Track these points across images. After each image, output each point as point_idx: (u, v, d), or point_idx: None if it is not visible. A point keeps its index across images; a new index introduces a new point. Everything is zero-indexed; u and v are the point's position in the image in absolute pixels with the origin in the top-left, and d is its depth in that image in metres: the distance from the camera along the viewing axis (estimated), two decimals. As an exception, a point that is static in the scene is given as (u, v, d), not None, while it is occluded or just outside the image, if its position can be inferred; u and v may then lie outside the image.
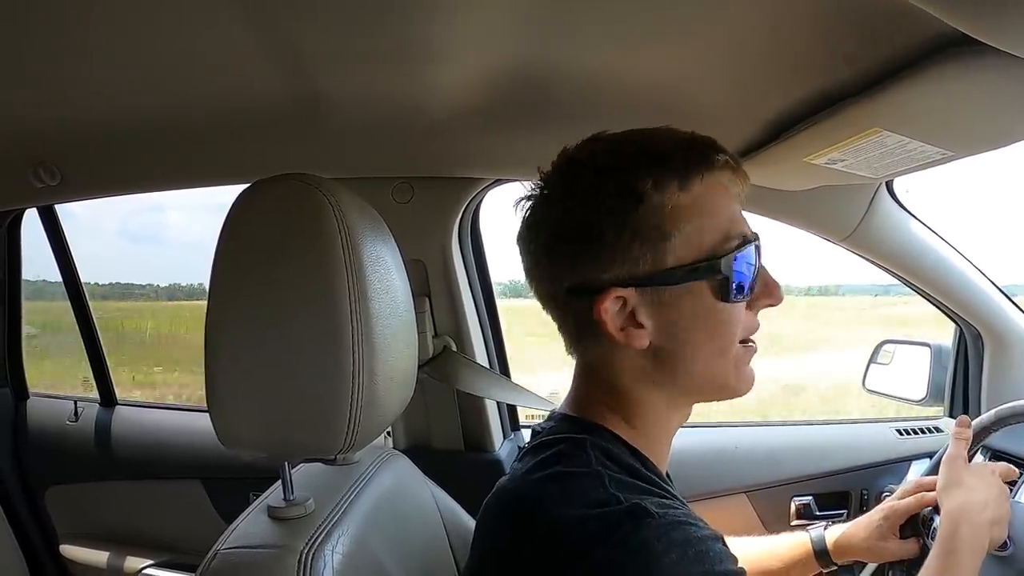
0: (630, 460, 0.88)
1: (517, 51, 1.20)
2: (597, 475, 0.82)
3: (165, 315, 7.90)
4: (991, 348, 1.99)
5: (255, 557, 0.91)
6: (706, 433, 2.09)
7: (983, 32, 0.72)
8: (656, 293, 0.87)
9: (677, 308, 0.88)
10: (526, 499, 0.85)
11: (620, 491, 0.79)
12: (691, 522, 0.78)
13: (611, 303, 0.86)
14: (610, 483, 0.80)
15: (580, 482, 0.82)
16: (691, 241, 0.86)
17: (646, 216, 0.85)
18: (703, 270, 0.86)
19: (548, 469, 0.85)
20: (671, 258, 0.86)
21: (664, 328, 0.88)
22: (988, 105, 0.99)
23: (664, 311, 0.87)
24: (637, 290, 0.86)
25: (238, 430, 0.93)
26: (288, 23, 1.12)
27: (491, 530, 0.90)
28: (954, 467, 1.27)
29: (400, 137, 1.65)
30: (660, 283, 0.86)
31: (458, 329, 2.00)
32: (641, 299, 0.87)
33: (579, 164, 0.91)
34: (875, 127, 1.08)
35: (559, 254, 0.91)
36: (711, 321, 0.89)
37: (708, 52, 1.16)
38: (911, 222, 1.82)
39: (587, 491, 0.80)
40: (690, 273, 0.86)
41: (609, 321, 0.87)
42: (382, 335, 0.93)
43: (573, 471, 0.84)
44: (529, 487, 0.86)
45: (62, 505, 2.49)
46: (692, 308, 0.88)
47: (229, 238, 0.92)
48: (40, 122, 1.62)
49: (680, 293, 0.87)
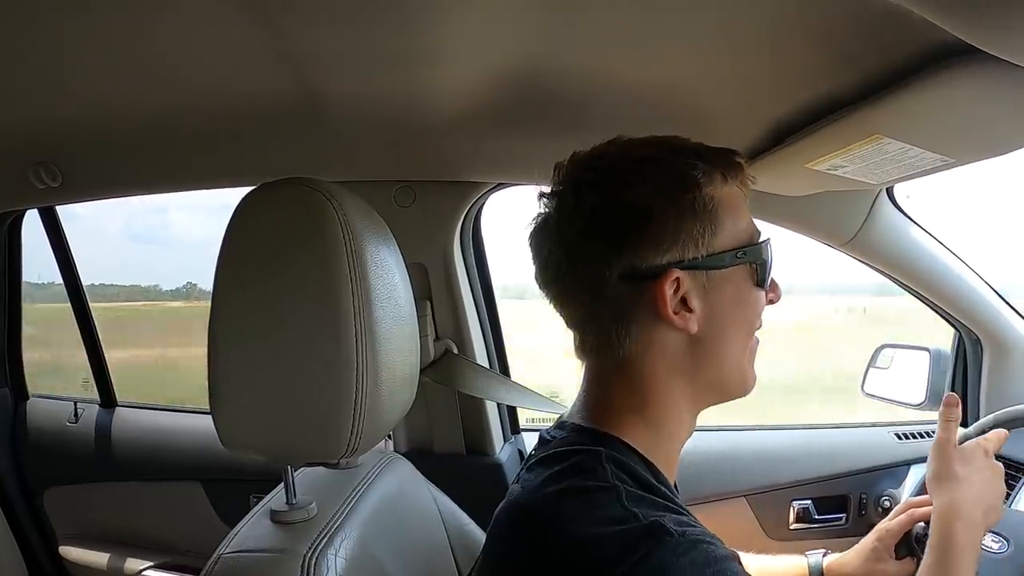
0: (645, 473, 0.87)
1: (520, 55, 1.21)
2: (614, 489, 0.80)
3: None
4: (990, 353, 1.99)
5: (258, 561, 0.91)
6: (706, 437, 2.08)
7: (983, 41, 0.72)
8: (706, 277, 0.89)
9: (721, 292, 0.90)
10: (541, 515, 0.83)
11: (638, 507, 0.78)
12: (708, 540, 0.77)
13: (669, 285, 0.86)
14: (627, 499, 0.79)
15: (597, 498, 0.81)
16: (733, 230, 0.91)
17: (700, 202, 0.87)
18: (750, 254, 0.91)
19: (563, 483, 0.84)
20: (719, 244, 0.89)
21: (708, 313, 0.89)
22: (988, 113, 0.99)
23: (710, 294, 0.89)
24: (690, 273, 0.87)
25: (241, 433, 0.93)
26: (291, 25, 1.12)
27: (504, 544, 0.89)
28: (943, 455, 1.23)
29: (402, 140, 1.66)
30: (712, 266, 0.89)
31: (459, 332, 2.00)
32: (693, 283, 0.88)
33: (615, 156, 0.92)
34: (877, 134, 1.08)
35: (603, 239, 0.89)
36: (746, 307, 0.93)
37: (711, 57, 1.16)
38: (911, 228, 1.82)
39: (604, 507, 0.79)
40: (738, 257, 0.90)
41: (667, 303, 0.86)
42: (385, 339, 0.93)
43: (589, 486, 0.82)
44: (544, 502, 0.84)
45: (61, 506, 2.48)
46: (735, 292, 0.91)
47: (233, 241, 0.92)
48: (41, 123, 1.62)
49: (726, 277, 0.90)
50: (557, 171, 0.94)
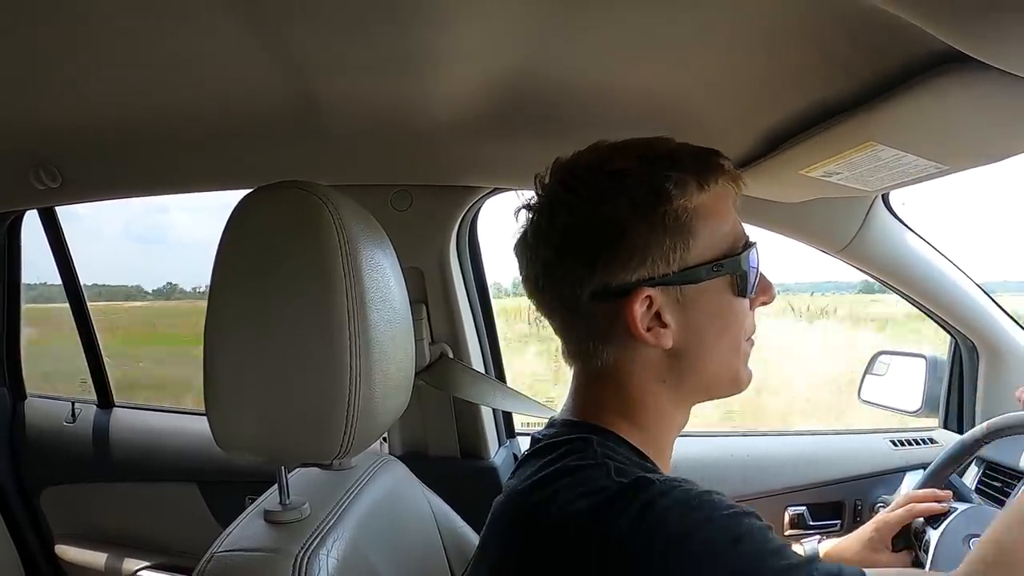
0: (634, 459, 0.88)
1: (516, 61, 1.21)
2: (604, 466, 0.82)
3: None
4: (986, 360, 2.00)
5: (250, 561, 0.92)
6: (700, 442, 2.09)
7: (976, 49, 0.73)
8: (679, 292, 0.88)
9: (698, 306, 0.89)
10: (534, 499, 0.84)
11: (625, 477, 0.79)
12: (694, 486, 0.79)
13: (640, 303, 0.86)
14: (616, 472, 0.80)
15: (587, 474, 0.82)
16: (710, 241, 0.89)
17: (671, 215, 0.86)
18: (727, 266, 0.89)
19: (555, 466, 0.85)
20: (693, 256, 0.88)
21: (686, 326, 0.89)
22: (982, 120, 0.99)
23: (686, 309, 0.89)
24: (662, 289, 0.87)
25: (235, 434, 0.93)
26: (289, 30, 1.12)
27: (501, 535, 0.89)
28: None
29: (399, 145, 1.66)
30: (686, 281, 0.88)
31: (455, 336, 2.00)
32: (666, 298, 0.88)
33: (588, 168, 0.91)
34: (870, 141, 1.09)
35: (575, 258, 0.89)
36: (728, 317, 0.92)
37: (706, 65, 1.17)
38: (907, 234, 1.83)
39: (593, 480, 0.80)
40: (714, 270, 0.89)
41: (638, 322, 0.86)
42: (379, 342, 0.94)
43: (580, 464, 0.84)
44: (536, 487, 0.85)
45: (58, 506, 2.48)
46: (714, 305, 0.90)
47: (229, 243, 0.93)
48: (41, 124, 1.62)
49: (702, 290, 0.89)
50: (537, 181, 0.94)
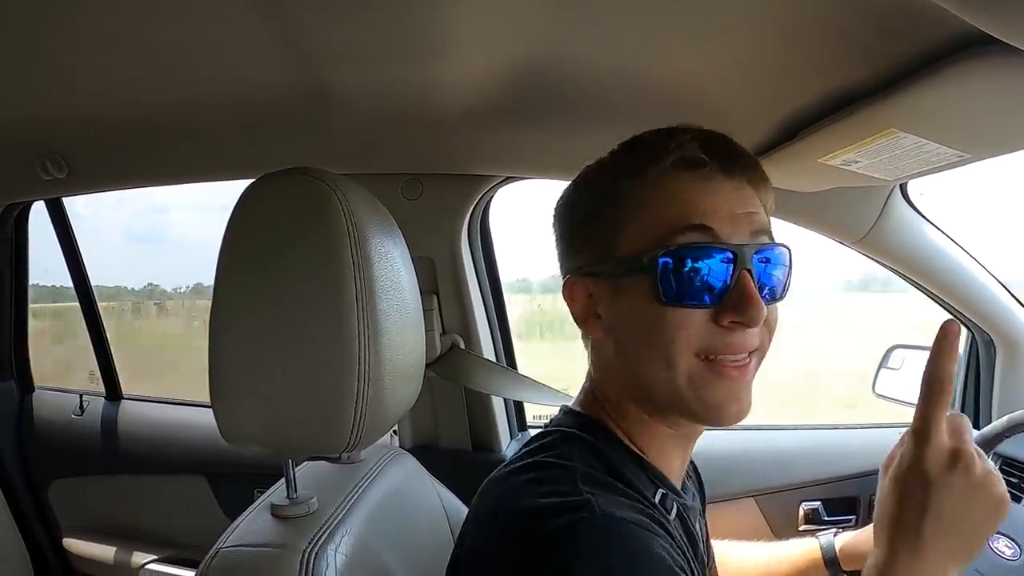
0: (621, 462, 0.87)
1: (529, 48, 1.20)
2: (572, 470, 0.81)
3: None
4: (1003, 354, 1.97)
5: (256, 556, 0.90)
6: (715, 436, 2.06)
7: (1003, 31, 0.70)
8: (609, 284, 0.88)
9: (621, 303, 0.87)
10: (499, 490, 0.87)
11: (589, 487, 0.78)
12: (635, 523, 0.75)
13: (579, 290, 0.90)
14: (582, 479, 0.79)
15: (552, 474, 0.82)
16: (640, 234, 0.85)
17: (603, 202, 0.88)
18: (640, 265, 0.83)
19: (530, 459, 0.86)
20: (621, 249, 0.86)
21: (612, 321, 0.89)
22: (1006, 106, 0.96)
23: (613, 304, 0.88)
24: (594, 280, 0.88)
25: (241, 426, 0.92)
26: (298, 16, 1.11)
27: (475, 517, 0.90)
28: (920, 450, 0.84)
29: (410, 133, 1.65)
30: (605, 274, 0.88)
31: (466, 327, 1.99)
32: (599, 290, 0.89)
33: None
34: (891, 128, 1.06)
35: (558, 246, 0.98)
36: (644, 323, 0.85)
37: (724, 50, 1.15)
38: (925, 226, 1.80)
39: (556, 483, 0.80)
40: (625, 266, 0.85)
41: (575, 307, 0.91)
42: (389, 333, 0.92)
43: (549, 462, 0.84)
44: (505, 479, 0.87)
45: (66, 499, 2.49)
46: (630, 305, 0.86)
47: (235, 232, 0.92)
48: (47, 114, 1.62)
49: (625, 287, 0.86)
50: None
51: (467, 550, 0.87)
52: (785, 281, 0.90)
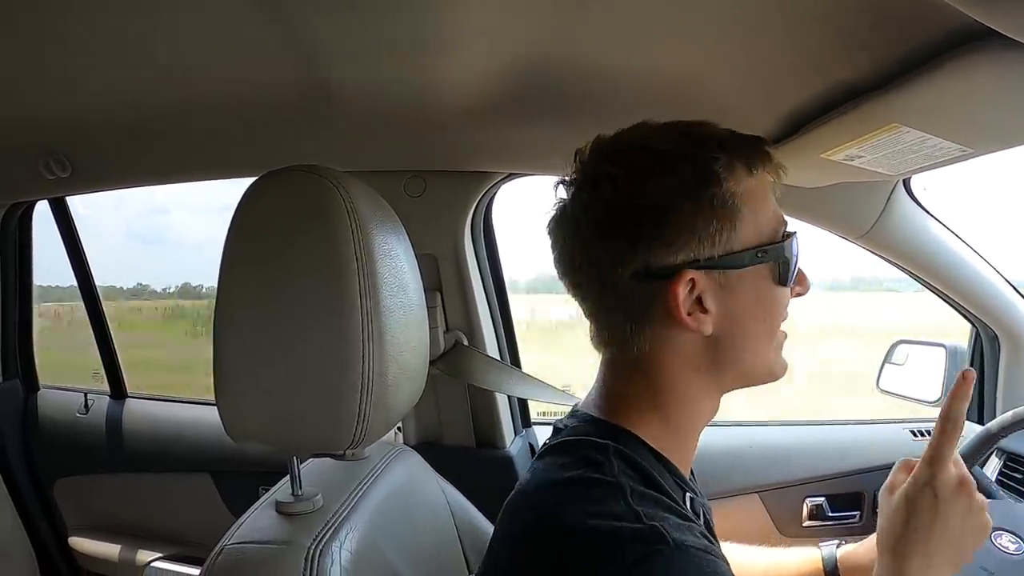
0: (653, 469, 0.86)
1: (531, 44, 1.19)
2: (619, 486, 0.80)
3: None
4: (1008, 350, 1.97)
5: (261, 553, 0.90)
6: (719, 432, 2.07)
7: (1006, 25, 0.71)
8: (722, 277, 0.87)
9: (739, 292, 0.88)
10: (545, 503, 0.83)
11: (641, 506, 0.77)
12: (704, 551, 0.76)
13: (683, 286, 0.85)
14: (632, 496, 0.79)
15: (601, 492, 0.80)
16: (754, 227, 0.88)
17: (719, 198, 0.85)
18: (771, 253, 0.89)
19: (569, 473, 0.84)
20: (738, 242, 0.87)
21: (726, 313, 0.88)
22: (1009, 100, 0.97)
23: (727, 295, 0.87)
24: (705, 273, 0.86)
25: (246, 423, 0.92)
26: (300, 16, 1.11)
27: (510, 532, 0.88)
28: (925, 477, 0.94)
29: (413, 130, 1.65)
30: (730, 266, 0.87)
31: (470, 324, 1.99)
32: (708, 283, 0.86)
33: (634, 146, 0.89)
34: (894, 123, 1.06)
35: (617, 235, 0.87)
36: (768, 306, 0.91)
37: (727, 46, 1.15)
38: (928, 221, 1.80)
39: (607, 502, 0.78)
40: (757, 256, 0.88)
41: (680, 305, 0.85)
42: (393, 330, 0.92)
43: (595, 478, 0.82)
44: (549, 491, 0.85)
45: (71, 497, 2.50)
46: (755, 292, 0.89)
47: (238, 230, 0.92)
48: (51, 113, 1.62)
49: (744, 276, 0.88)
50: (577, 158, 0.92)
51: (500, 568, 0.86)
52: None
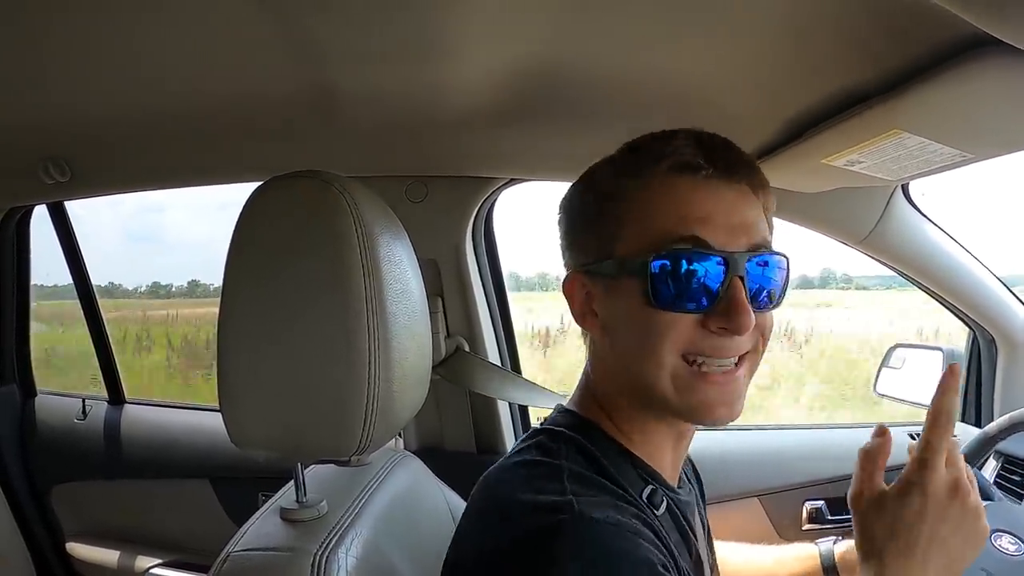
0: (608, 459, 0.88)
1: (533, 50, 1.19)
2: (559, 468, 0.83)
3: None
4: (1005, 353, 1.98)
5: (267, 560, 0.91)
6: (718, 437, 2.07)
7: (1007, 33, 0.71)
8: (604, 283, 0.89)
9: (615, 302, 0.89)
10: (494, 481, 0.89)
11: (573, 484, 0.80)
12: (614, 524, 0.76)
13: (578, 286, 0.92)
14: (568, 476, 0.82)
15: (542, 471, 0.84)
16: (638, 235, 0.86)
17: (602, 202, 0.90)
18: (627, 267, 0.86)
19: (519, 458, 0.89)
20: (619, 249, 0.87)
21: (607, 320, 0.91)
22: (1010, 107, 0.97)
23: (609, 303, 0.90)
24: (590, 278, 0.90)
25: (251, 430, 0.92)
26: (303, 20, 1.11)
27: (467, 512, 0.92)
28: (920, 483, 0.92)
29: (415, 135, 1.65)
30: (601, 273, 0.89)
31: (471, 330, 1.99)
32: (595, 288, 0.91)
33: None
34: (895, 128, 1.07)
35: (562, 242, 0.99)
36: (640, 325, 0.86)
37: (729, 52, 1.15)
38: (927, 225, 1.81)
39: (545, 479, 0.82)
40: (619, 267, 0.87)
41: (574, 303, 0.93)
42: (398, 336, 0.92)
43: (539, 460, 0.86)
44: (500, 471, 0.90)
45: (69, 503, 2.49)
46: (624, 306, 0.88)
47: (243, 235, 0.92)
48: (51, 118, 1.61)
49: (618, 287, 0.88)
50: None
51: (458, 541, 0.89)
52: (781, 287, 0.91)
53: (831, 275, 7.08)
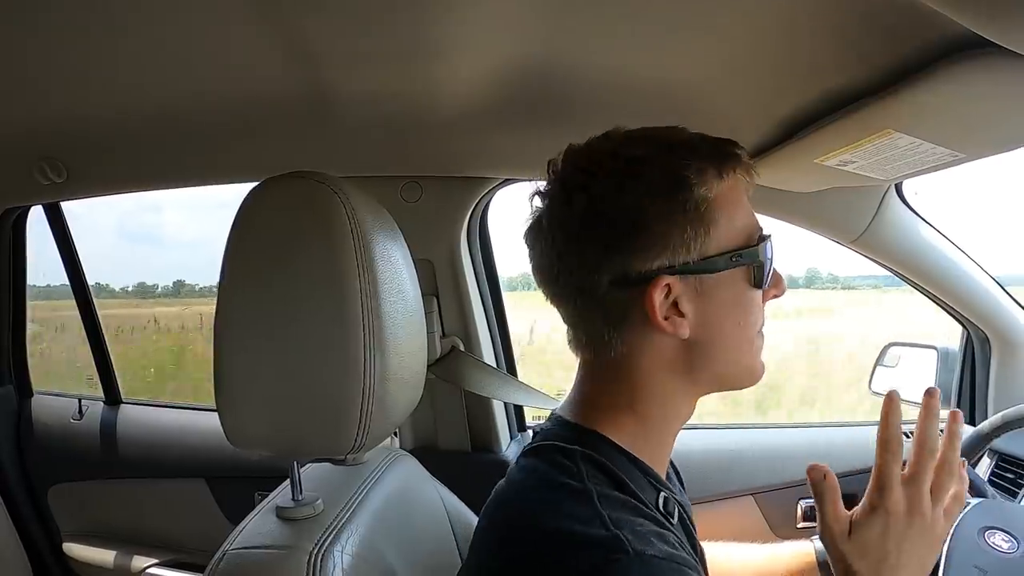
0: (624, 472, 0.87)
1: (528, 49, 1.20)
2: (586, 492, 0.82)
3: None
4: (998, 351, 1.99)
5: (264, 557, 0.91)
6: (713, 435, 2.08)
7: (997, 33, 0.72)
8: (697, 281, 0.88)
9: (715, 296, 0.89)
10: (518, 505, 0.87)
11: (608, 510, 0.79)
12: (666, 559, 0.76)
13: (659, 292, 0.86)
14: (600, 500, 0.80)
15: (570, 495, 0.82)
16: (729, 231, 0.89)
17: (692, 203, 0.86)
18: (745, 257, 0.89)
19: (540, 477, 0.87)
20: (713, 246, 0.87)
21: (702, 316, 0.89)
22: (1001, 107, 0.98)
23: (703, 299, 0.88)
24: (681, 278, 0.87)
25: (247, 429, 0.93)
26: (298, 20, 1.11)
27: (485, 535, 0.91)
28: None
29: (409, 136, 1.65)
30: (705, 271, 0.88)
31: (466, 329, 2.00)
32: (684, 287, 0.87)
33: (605, 154, 0.90)
34: (887, 128, 1.07)
35: (592, 244, 0.88)
36: (744, 309, 0.91)
37: (721, 52, 1.15)
38: (920, 224, 1.82)
39: (575, 504, 0.80)
40: (732, 260, 0.88)
41: (656, 310, 0.86)
42: (393, 335, 0.93)
43: (564, 482, 0.84)
44: (521, 493, 0.89)
45: (66, 503, 2.48)
46: (731, 296, 0.90)
47: (239, 236, 0.92)
48: (47, 118, 1.61)
49: (719, 280, 0.89)
50: (550, 167, 0.94)
51: (482, 569, 0.88)
52: None
53: (816, 275, 7.07)
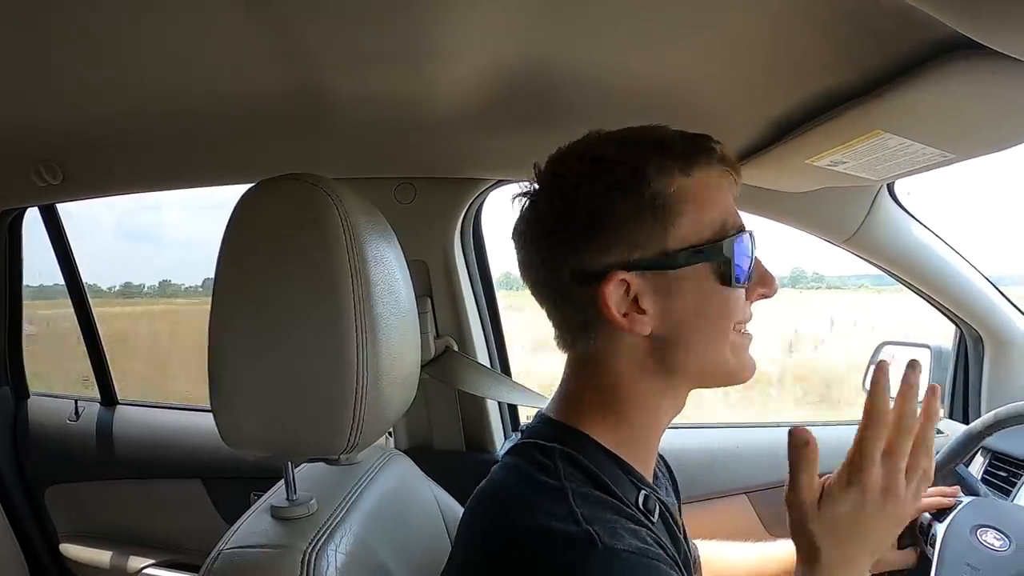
0: (603, 470, 0.88)
1: (520, 51, 1.20)
2: (562, 490, 0.82)
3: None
4: (991, 350, 2.00)
5: (258, 557, 0.91)
6: (707, 433, 2.08)
7: (984, 35, 0.72)
8: (659, 277, 0.87)
9: (679, 293, 0.88)
10: (497, 501, 0.88)
11: (582, 507, 0.80)
12: (638, 554, 0.77)
13: (614, 287, 0.86)
14: (574, 498, 0.81)
15: (546, 493, 0.83)
16: (693, 226, 0.88)
17: (649, 198, 0.86)
18: (707, 253, 0.88)
19: (519, 474, 0.88)
20: (674, 242, 0.87)
21: (666, 314, 0.89)
22: (989, 108, 0.99)
23: (666, 296, 0.88)
24: (639, 274, 0.87)
25: (242, 430, 0.93)
26: (292, 22, 1.11)
27: (466, 530, 0.92)
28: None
29: (403, 137, 1.65)
30: (663, 267, 0.87)
31: (460, 330, 2.00)
32: (644, 284, 0.87)
33: (575, 156, 0.92)
34: (877, 129, 1.08)
35: (560, 242, 0.90)
36: (711, 306, 0.90)
37: (712, 53, 1.15)
38: (912, 224, 1.82)
39: (552, 502, 0.81)
40: (693, 256, 0.88)
41: (612, 306, 0.87)
42: (386, 335, 0.93)
43: (541, 480, 0.85)
44: (500, 490, 0.90)
45: (62, 504, 2.49)
46: (694, 292, 0.89)
47: (233, 237, 0.93)
48: (42, 120, 1.61)
49: (682, 277, 0.88)
50: (535, 171, 0.96)
51: (464, 564, 0.89)
52: None
53: (801, 274, 7.05)
